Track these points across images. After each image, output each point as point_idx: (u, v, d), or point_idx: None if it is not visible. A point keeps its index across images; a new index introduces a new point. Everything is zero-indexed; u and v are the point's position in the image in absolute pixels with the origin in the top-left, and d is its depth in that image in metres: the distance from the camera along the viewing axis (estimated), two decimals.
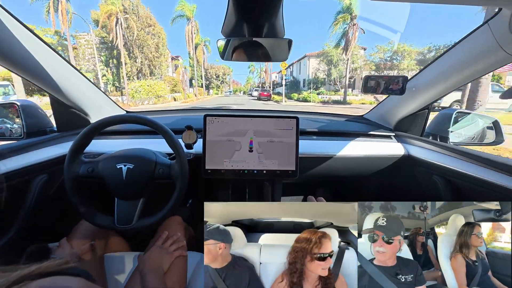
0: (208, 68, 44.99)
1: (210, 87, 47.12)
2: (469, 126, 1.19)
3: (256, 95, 30.16)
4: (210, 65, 45.62)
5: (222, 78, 48.20)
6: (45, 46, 0.84)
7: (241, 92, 69.74)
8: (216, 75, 47.05)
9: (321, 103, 20.20)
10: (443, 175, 0.95)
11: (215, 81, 46.99)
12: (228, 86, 67.91)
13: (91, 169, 0.77)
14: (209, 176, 0.94)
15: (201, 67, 36.01)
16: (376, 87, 1.06)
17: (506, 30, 0.66)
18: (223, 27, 0.75)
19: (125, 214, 0.77)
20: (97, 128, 0.76)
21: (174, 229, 0.89)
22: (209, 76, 46.08)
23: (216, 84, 47.73)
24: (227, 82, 54.51)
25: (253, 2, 0.62)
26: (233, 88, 74.05)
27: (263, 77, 48.67)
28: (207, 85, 44.57)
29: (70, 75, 0.96)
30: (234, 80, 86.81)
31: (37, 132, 1.02)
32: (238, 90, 74.29)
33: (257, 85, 54.63)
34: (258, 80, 59.25)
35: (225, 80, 51.24)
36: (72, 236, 0.81)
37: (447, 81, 0.94)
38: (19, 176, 0.80)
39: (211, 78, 46.42)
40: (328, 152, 1.11)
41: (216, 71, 46.66)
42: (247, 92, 63.88)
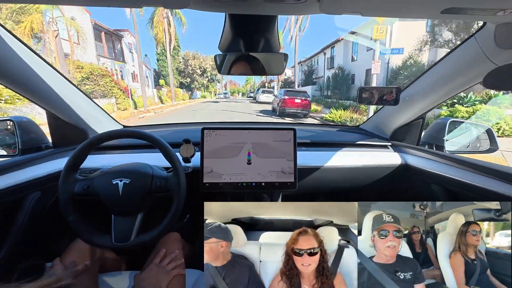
0: (187, 58, 30.34)
1: (193, 87, 32.87)
2: (463, 134, 1.21)
3: (266, 99, 18.45)
4: (191, 54, 30.53)
5: (211, 74, 32.71)
6: (41, 61, 0.84)
7: (239, 94, 61.29)
8: (202, 69, 30.87)
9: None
10: (441, 183, 0.95)
11: (199, 78, 31.74)
12: (224, 87, 55.67)
13: (87, 186, 0.75)
14: (207, 189, 0.93)
15: (168, 51, 21.12)
16: (370, 98, 1.09)
17: (492, 43, 0.69)
18: (220, 42, 0.78)
19: (122, 231, 0.75)
20: (93, 144, 0.76)
21: (172, 246, 0.86)
22: (189, 70, 30.67)
23: (201, 82, 32.42)
24: (218, 80, 39.46)
25: (249, 19, 0.64)
26: (230, 89, 62.65)
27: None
28: (187, 84, 31.91)
29: (66, 90, 0.96)
30: (232, 80, 73.70)
31: (32, 148, 1.01)
32: (236, 92, 64.98)
33: (258, 85, 43.89)
34: (259, 80, 46.25)
35: (216, 78, 35.68)
36: (65, 256, 0.78)
37: (439, 91, 0.96)
38: (11, 194, 0.79)
39: (193, 74, 31.07)
40: (326, 163, 1.11)
41: (200, 63, 30.50)
42: (246, 93, 54.52)
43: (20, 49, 0.75)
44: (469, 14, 0.58)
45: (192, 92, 34.57)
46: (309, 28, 31.41)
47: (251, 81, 63.88)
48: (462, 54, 0.83)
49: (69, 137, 1.08)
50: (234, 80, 76.11)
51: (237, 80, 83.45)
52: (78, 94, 1.03)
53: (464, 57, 0.83)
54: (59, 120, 1.02)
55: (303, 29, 21.22)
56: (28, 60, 0.78)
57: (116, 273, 0.84)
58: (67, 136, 1.08)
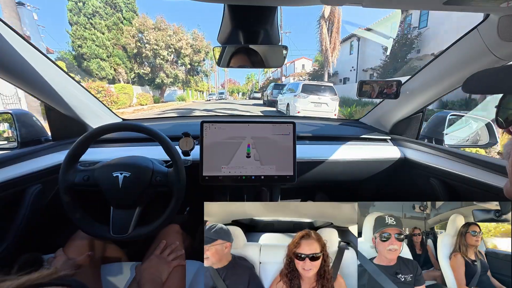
0: (142, 28, 18.06)
1: (159, 83, 19.94)
2: (463, 128, 1.20)
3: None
4: (152, 23, 18.39)
5: (195, 63, 20.88)
6: (40, 55, 0.83)
7: (239, 94, 53.61)
8: (177, 51, 19.28)
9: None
10: (439, 177, 0.96)
11: (168, 66, 19.39)
12: (222, 87, 45.49)
13: (87, 177, 0.76)
14: (206, 183, 0.93)
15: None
16: (371, 91, 1.08)
17: (495, 35, 0.68)
18: (219, 34, 0.77)
19: (120, 223, 0.76)
20: (93, 136, 0.76)
21: (172, 238, 0.87)
22: (147, 50, 18.19)
23: (172, 74, 19.75)
24: (205, 73, 24.42)
25: (248, 10, 0.63)
26: (229, 88, 52.42)
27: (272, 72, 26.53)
28: (150, 80, 19.78)
29: (65, 84, 0.95)
30: (231, 79, 64.09)
31: (31, 141, 1.01)
32: (235, 91, 56.19)
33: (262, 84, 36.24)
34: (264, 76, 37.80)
35: (202, 69, 23.00)
36: (68, 247, 0.79)
37: (440, 84, 0.96)
38: (12, 187, 0.79)
39: (156, 59, 18.72)
40: (325, 156, 1.11)
41: (171, 41, 18.68)
42: (247, 94, 43.32)
43: (16, 41, 0.74)
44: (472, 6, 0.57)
45: (161, 91, 21.29)
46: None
47: (253, 79, 52.46)
48: (463, 47, 0.82)
49: (68, 130, 1.08)
50: (233, 79, 66.50)
51: (237, 78, 75.41)
52: (76, 87, 1.02)
53: (465, 50, 0.82)
54: (58, 113, 1.01)
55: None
56: (24, 52, 0.76)
57: (117, 264, 0.85)
58: (66, 129, 1.07)
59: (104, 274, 0.81)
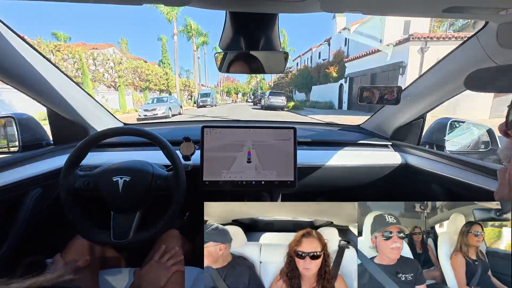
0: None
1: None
2: (464, 134, 1.20)
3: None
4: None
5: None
6: (41, 58, 0.84)
7: (238, 95, 49.63)
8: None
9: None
10: (441, 183, 0.95)
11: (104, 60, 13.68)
12: (207, 87, 38.30)
13: (87, 182, 0.76)
14: (207, 187, 0.93)
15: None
16: (371, 97, 1.08)
17: (494, 42, 0.69)
18: (221, 40, 0.78)
19: (121, 228, 0.75)
20: (94, 141, 0.76)
21: (172, 243, 0.87)
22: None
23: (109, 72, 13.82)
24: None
25: (250, 17, 0.64)
26: (225, 87, 47.22)
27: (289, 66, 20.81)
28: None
29: (67, 88, 0.97)
30: (230, 77, 49.46)
31: (33, 145, 1.02)
32: (232, 91, 49.69)
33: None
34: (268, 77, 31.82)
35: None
36: (66, 252, 0.79)
37: (440, 91, 0.96)
38: (13, 190, 0.79)
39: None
40: (326, 162, 1.11)
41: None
42: (248, 94, 43.04)
43: (20, 45, 0.75)
44: (471, 13, 0.57)
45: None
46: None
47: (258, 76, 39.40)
48: (463, 53, 0.83)
49: (70, 134, 1.08)
50: (232, 77, 52.55)
51: (236, 75, 54.38)
52: (78, 91, 1.03)
53: (465, 57, 0.82)
54: (60, 117, 1.02)
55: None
56: (28, 56, 0.78)
57: (116, 269, 0.84)
58: (68, 133, 1.08)
59: (103, 279, 0.80)
